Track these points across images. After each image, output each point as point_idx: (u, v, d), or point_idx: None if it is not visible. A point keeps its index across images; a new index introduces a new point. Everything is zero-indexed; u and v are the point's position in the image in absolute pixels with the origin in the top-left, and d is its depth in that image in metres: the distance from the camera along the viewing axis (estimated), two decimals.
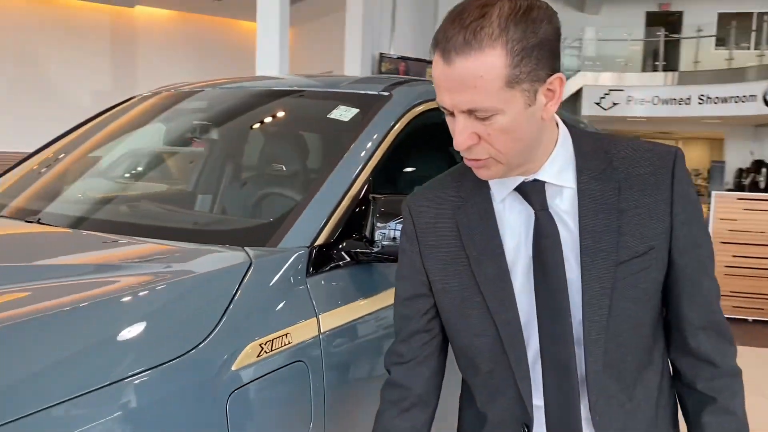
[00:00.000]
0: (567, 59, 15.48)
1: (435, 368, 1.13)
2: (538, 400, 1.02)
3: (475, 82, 0.86)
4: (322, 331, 1.35)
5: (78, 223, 1.69)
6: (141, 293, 1.15)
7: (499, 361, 1.02)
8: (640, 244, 0.97)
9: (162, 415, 1.04)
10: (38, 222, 1.67)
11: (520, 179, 0.99)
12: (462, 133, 0.91)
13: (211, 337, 1.13)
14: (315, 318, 1.34)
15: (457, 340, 1.08)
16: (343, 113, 1.82)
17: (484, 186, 1.03)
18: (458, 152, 0.97)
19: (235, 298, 1.21)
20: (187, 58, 11.57)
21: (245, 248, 1.37)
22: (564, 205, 0.99)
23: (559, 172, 0.99)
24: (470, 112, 0.90)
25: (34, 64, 10.51)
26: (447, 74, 0.88)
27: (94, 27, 11.01)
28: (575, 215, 0.98)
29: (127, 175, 2.17)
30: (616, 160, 1.00)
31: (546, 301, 0.98)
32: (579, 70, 15.05)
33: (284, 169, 1.99)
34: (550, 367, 0.99)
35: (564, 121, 1.04)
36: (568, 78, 15.06)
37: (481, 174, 0.98)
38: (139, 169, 2.25)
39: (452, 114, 0.92)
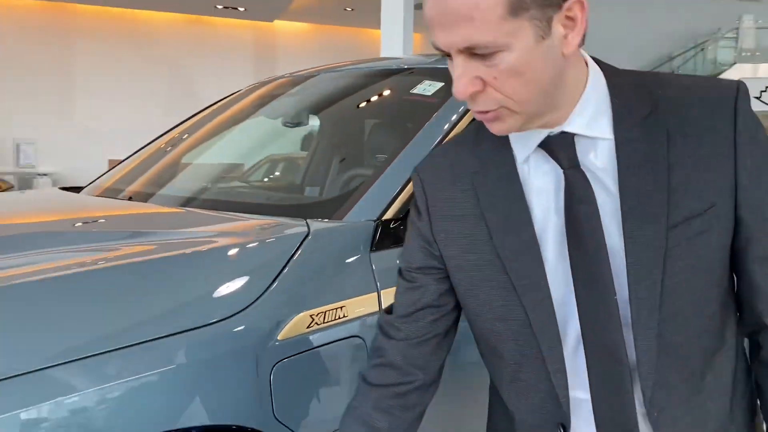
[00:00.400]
0: (721, 52, 14.26)
1: (443, 350, 0.96)
2: (583, 393, 0.85)
3: (470, 13, 0.71)
4: (383, 308, 1.27)
5: (173, 202, 1.76)
6: (185, 258, 1.14)
7: (527, 351, 0.86)
8: (697, 202, 0.79)
9: (201, 377, 1.02)
10: (130, 200, 1.74)
11: (544, 133, 0.83)
12: (461, 79, 0.75)
13: (255, 304, 1.10)
14: (376, 293, 1.27)
15: (477, 325, 0.92)
16: (427, 88, 1.74)
17: (504, 145, 0.87)
18: None
19: (287, 266, 1.17)
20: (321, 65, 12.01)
21: (307, 220, 1.33)
22: (600, 160, 0.82)
23: (591, 121, 0.82)
24: (469, 52, 0.74)
25: (187, 77, 11.40)
26: (439, 7, 0.73)
27: (238, 42, 11.77)
28: (614, 172, 0.81)
29: (224, 159, 2.24)
30: (663, 102, 0.82)
31: (584, 278, 0.82)
32: (735, 63, 13.80)
33: (366, 146, 1.95)
34: (595, 354, 0.83)
35: (595, 59, 0.86)
36: (721, 72, 13.93)
37: (494, 128, 0.81)
38: (240, 154, 2.31)
39: (451, 56, 0.76)
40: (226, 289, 1.11)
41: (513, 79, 0.75)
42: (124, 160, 2.34)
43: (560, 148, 0.82)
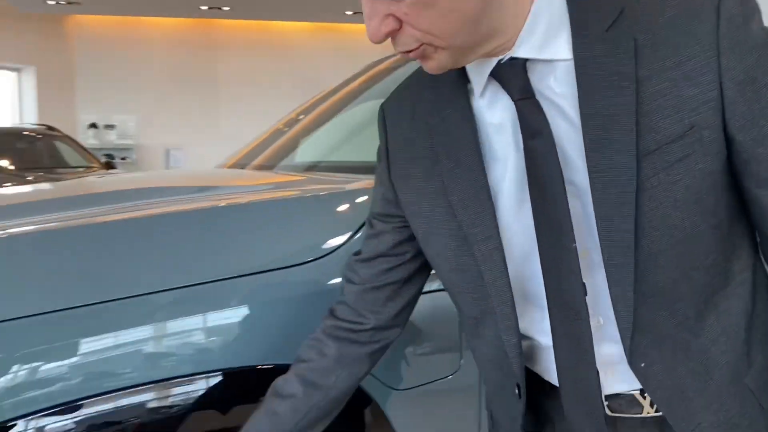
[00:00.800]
0: None
1: (402, 297, 0.92)
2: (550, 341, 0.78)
3: None
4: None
5: (281, 169, 1.90)
6: (273, 203, 1.21)
7: (483, 305, 0.80)
8: (674, 124, 0.67)
9: (286, 316, 1.06)
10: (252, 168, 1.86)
11: (494, 61, 0.73)
12: (371, 20, 0.68)
13: (339, 251, 1.13)
14: None
15: (439, 277, 0.88)
16: None
17: (463, 77, 0.78)
18: None
19: None
20: None
21: None
22: (559, 85, 0.71)
23: (544, 42, 0.70)
24: None
25: (319, 82, 11.86)
26: None
27: (365, 46, 12.07)
28: (575, 97, 0.70)
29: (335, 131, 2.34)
30: (630, 7, 0.69)
31: (544, 222, 0.72)
32: None
33: None
34: (555, 304, 0.74)
35: None
36: None
37: (426, 67, 0.73)
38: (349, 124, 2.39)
39: None
40: (312, 235, 1.16)
41: (426, 13, 0.66)
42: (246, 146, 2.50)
43: (510, 76, 0.72)
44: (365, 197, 1.28)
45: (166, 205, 1.26)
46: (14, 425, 0.85)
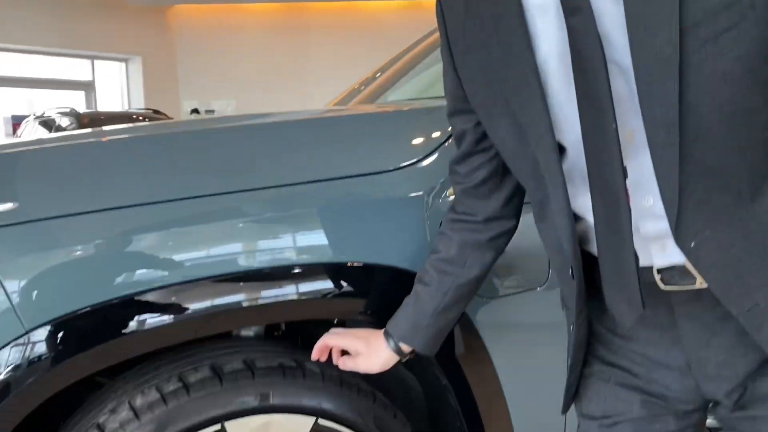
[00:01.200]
0: None
1: (504, 190, 0.95)
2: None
3: None
4: None
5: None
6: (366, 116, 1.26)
7: (544, 189, 0.81)
8: None
9: (378, 218, 1.13)
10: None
11: None
12: None
13: (424, 161, 1.17)
14: None
15: (506, 162, 0.89)
16: None
17: None
18: None
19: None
20: None
21: None
22: None
23: None
24: None
25: None
26: None
27: None
28: None
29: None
30: None
31: (585, 103, 0.70)
32: None
33: None
34: (596, 187, 0.73)
35: None
36: None
37: None
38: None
39: None
40: (400, 143, 1.22)
41: None
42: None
43: None
44: None
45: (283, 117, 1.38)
46: (131, 300, 0.95)
